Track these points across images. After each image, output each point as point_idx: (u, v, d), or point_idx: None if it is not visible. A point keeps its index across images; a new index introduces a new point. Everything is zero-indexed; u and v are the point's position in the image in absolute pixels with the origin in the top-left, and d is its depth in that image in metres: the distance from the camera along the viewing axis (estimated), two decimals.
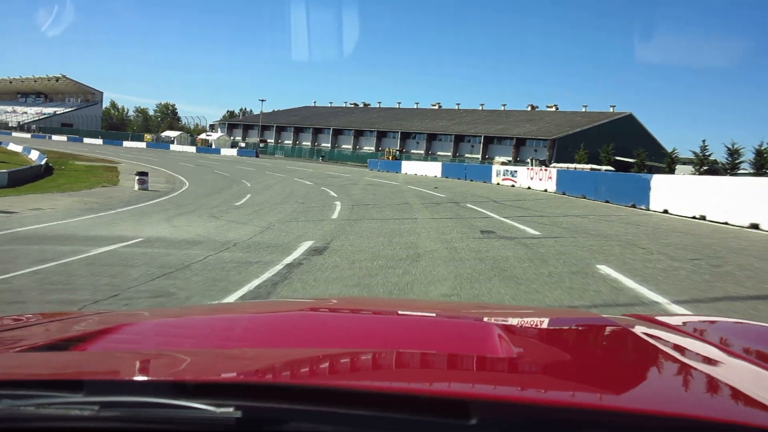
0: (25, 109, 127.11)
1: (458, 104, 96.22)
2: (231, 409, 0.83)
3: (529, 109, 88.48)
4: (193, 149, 76.70)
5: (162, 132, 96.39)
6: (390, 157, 62.12)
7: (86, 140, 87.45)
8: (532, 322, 1.90)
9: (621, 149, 59.42)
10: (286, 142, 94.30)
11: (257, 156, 70.61)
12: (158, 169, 36.00)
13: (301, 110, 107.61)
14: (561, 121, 75.54)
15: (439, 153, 77.25)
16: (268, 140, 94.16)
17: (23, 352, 1.26)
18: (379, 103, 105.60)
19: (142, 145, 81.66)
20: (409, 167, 50.16)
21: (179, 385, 0.91)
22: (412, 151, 78.58)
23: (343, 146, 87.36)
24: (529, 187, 30.09)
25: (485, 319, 1.88)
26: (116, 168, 33.96)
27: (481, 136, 74.98)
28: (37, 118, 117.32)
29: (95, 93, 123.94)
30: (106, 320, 1.79)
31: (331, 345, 1.39)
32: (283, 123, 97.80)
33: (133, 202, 16.99)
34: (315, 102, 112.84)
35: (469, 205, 18.93)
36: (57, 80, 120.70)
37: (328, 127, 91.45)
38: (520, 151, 70.52)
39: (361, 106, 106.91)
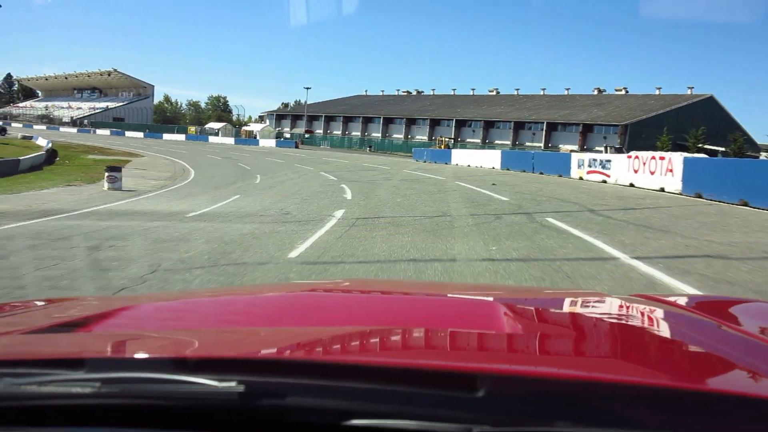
0: (80, 104, 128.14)
1: (517, 89, 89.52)
2: (233, 384, 0.82)
3: (596, 93, 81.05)
4: (231, 141, 73.82)
5: (206, 124, 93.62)
6: (442, 146, 55.72)
7: (128, 134, 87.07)
8: (538, 301, 1.90)
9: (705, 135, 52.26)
10: (335, 132, 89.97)
11: (297, 147, 66.34)
12: (175, 161, 32.19)
13: (351, 99, 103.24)
14: (632, 105, 68.10)
15: (497, 141, 71.21)
16: (317, 131, 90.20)
17: (25, 334, 1.26)
18: (433, 90, 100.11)
19: (182, 137, 79.74)
20: (460, 157, 41.31)
21: (181, 361, 0.90)
22: (468, 139, 72.70)
23: (394, 136, 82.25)
24: (631, 184, 21.03)
25: (491, 298, 1.88)
26: (125, 162, 30.05)
27: (543, 122, 68.38)
28: (90, 113, 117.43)
29: (147, 87, 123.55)
30: (109, 304, 1.74)
31: (335, 323, 1.38)
32: (332, 112, 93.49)
33: (62, 211, 12.19)
34: (366, 91, 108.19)
35: (550, 221, 11.01)
36: (109, 74, 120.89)
37: (379, 116, 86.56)
38: (588, 138, 63.64)
39: (414, 93, 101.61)
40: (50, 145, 35.06)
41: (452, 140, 60.85)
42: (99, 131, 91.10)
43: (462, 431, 0.78)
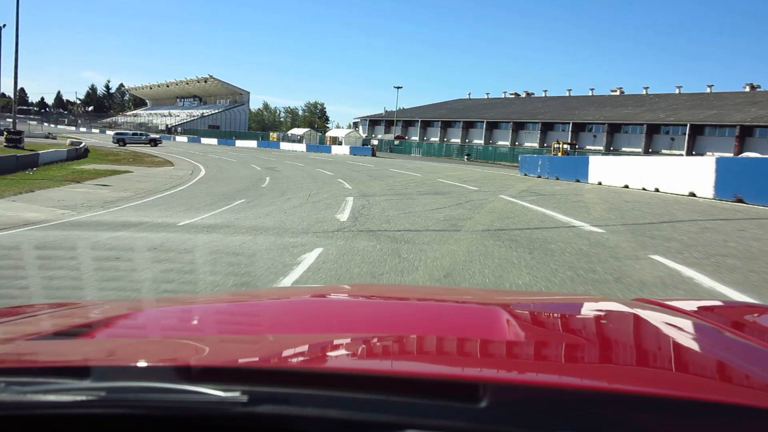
0: (179, 112, 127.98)
1: (646, 88, 76.62)
2: (237, 394, 0.83)
3: (747, 89, 66.97)
4: (303, 147, 66.72)
5: (288, 131, 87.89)
6: (560, 152, 42.88)
7: (203, 140, 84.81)
8: (540, 307, 1.88)
9: None
10: (432, 138, 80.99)
11: (373, 154, 57.02)
12: (184, 174, 24.27)
13: (450, 103, 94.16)
14: None
15: (624, 148, 59.46)
16: (412, 137, 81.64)
17: (30, 341, 1.25)
18: (545, 91, 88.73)
19: (253, 144, 74.63)
20: (606, 170, 23.21)
21: (185, 370, 0.89)
22: (588, 146, 61.36)
23: (499, 142, 72.10)
24: None
25: (493, 304, 1.85)
26: (115, 174, 22.55)
27: (685, 124, 55.85)
28: (187, 120, 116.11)
29: (242, 93, 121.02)
30: (112, 309, 1.74)
31: (338, 330, 1.37)
32: (429, 117, 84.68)
33: None
34: (469, 94, 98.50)
35: None
36: (206, 81, 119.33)
37: (481, 120, 76.76)
38: (746, 143, 50.58)
39: (523, 96, 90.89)
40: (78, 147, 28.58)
41: (571, 145, 48.90)
42: (178, 138, 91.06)
43: None
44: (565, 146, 44.67)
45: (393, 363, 1.08)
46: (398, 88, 76.52)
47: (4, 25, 56.52)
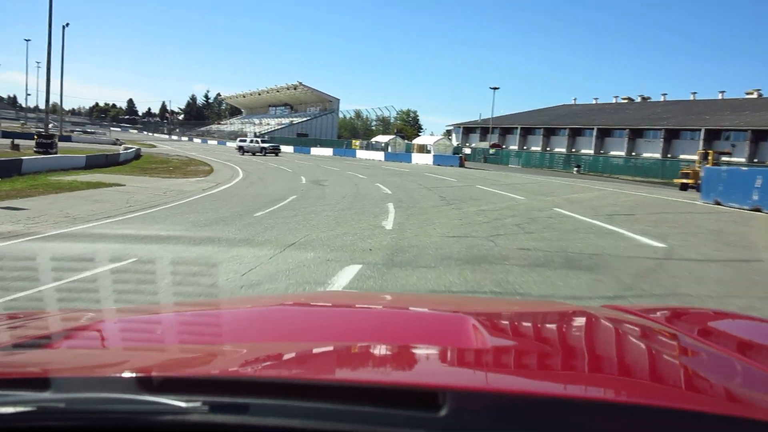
0: (269, 120, 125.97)
1: None
2: (199, 404, 0.82)
3: None
4: (381, 156, 59.35)
5: (372, 138, 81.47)
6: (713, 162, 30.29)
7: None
8: (509, 314, 1.86)
9: None
10: (533, 147, 72.01)
11: (462, 165, 48.10)
12: (219, 182, 18.19)
13: (554, 109, 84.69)
14: None
15: None
16: (511, 146, 73.08)
17: None
18: (664, 95, 77.42)
19: (329, 151, 68.72)
20: None
21: (146, 380, 0.88)
22: (723, 158, 50.59)
23: (612, 152, 62.15)
24: None
25: (462, 311, 1.82)
26: (110, 185, 16.61)
27: None
28: (276, 129, 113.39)
29: (332, 101, 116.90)
30: (74, 318, 1.71)
31: (303, 339, 1.36)
32: (530, 124, 75.81)
33: None
34: (575, 99, 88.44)
35: None
36: (295, 88, 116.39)
37: (591, 127, 67.06)
38: None
39: (638, 100, 79.97)
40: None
41: (723, 153, 37.24)
42: None
43: None
44: (716, 155, 33.33)
45: (355, 372, 1.08)
46: (495, 89, 65.93)
47: (68, 24, 54.51)
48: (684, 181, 30.16)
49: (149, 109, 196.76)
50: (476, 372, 1.12)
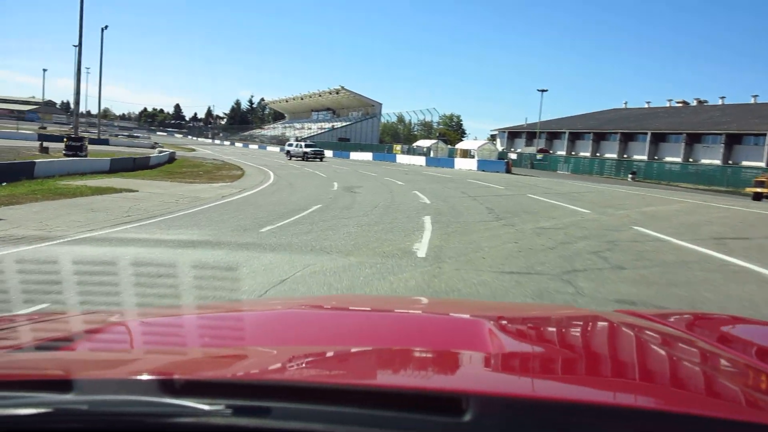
0: (311, 125, 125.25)
1: None
2: (221, 407, 0.82)
3: None
4: (422, 161, 57.83)
5: (414, 143, 79.08)
6: None
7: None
8: (523, 319, 1.83)
9: None
10: (582, 153, 68.81)
11: (508, 171, 45.69)
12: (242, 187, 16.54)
13: (604, 114, 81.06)
14: None
15: None
16: (558, 151, 70.06)
17: (10, 353, 1.21)
18: (722, 99, 72.96)
19: (369, 156, 67.19)
20: None
21: (168, 383, 0.88)
22: None
23: (666, 158, 58.62)
24: None
25: (477, 316, 1.81)
26: (111, 191, 15.14)
27: None
28: (318, 133, 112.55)
29: (374, 105, 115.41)
30: (95, 320, 1.70)
31: (323, 343, 1.35)
32: (578, 129, 72.59)
33: None
34: (626, 103, 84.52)
35: None
36: (337, 93, 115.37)
37: (644, 132, 63.59)
38: None
39: (693, 104, 75.73)
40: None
41: None
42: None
43: None
44: None
45: (377, 376, 1.07)
46: (543, 91, 62.94)
47: (106, 27, 54.30)
48: (758, 190, 27.19)
49: (195, 114, 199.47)
50: (499, 377, 1.09)
